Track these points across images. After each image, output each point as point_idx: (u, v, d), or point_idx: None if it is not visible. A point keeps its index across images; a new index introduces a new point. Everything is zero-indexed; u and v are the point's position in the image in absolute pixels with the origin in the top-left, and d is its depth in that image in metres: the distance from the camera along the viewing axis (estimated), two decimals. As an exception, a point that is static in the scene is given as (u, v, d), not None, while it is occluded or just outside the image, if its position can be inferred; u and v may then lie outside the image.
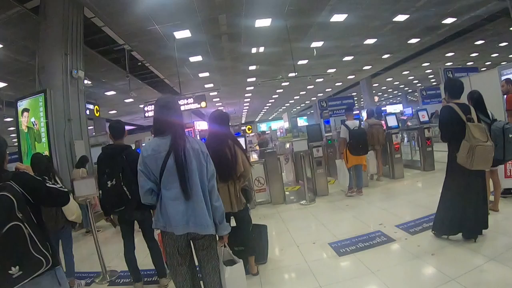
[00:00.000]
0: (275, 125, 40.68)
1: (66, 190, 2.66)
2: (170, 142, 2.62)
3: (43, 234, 2.36)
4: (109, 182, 3.89)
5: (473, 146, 3.98)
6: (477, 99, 4.92)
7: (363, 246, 4.80)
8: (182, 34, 12.57)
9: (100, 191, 4.04)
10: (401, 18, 14.26)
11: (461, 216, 4.29)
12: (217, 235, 2.82)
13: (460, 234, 4.42)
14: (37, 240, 2.21)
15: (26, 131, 9.17)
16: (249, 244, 4.16)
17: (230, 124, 4.35)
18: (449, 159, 4.43)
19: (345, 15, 13.23)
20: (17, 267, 2.11)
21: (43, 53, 9.20)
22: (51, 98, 8.77)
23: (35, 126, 8.98)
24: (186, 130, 14.99)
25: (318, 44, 16.56)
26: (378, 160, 9.16)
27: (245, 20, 12.29)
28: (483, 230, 4.37)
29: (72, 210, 4.55)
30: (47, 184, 2.53)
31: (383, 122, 9.51)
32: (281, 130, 26.75)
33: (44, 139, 8.77)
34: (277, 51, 16.48)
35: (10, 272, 2.10)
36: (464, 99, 4.60)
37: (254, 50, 16.18)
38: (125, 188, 3.83)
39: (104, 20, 10.94)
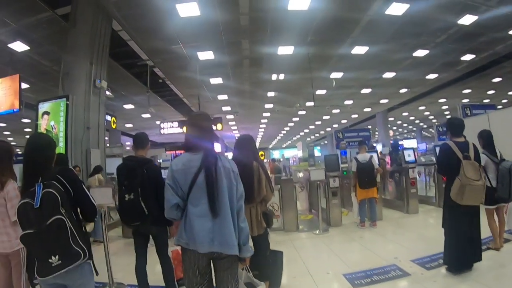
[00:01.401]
0: (288, 153, 40.60)
1: (95, 204, 2.79)
2: (202, 158, 2.60)
3: (82, 229, 2.58)
4: (126, 196, 3.83)
5: (464, 185, 4.25)
6: (486, 138, 5.37)
7: (378, 279, 4.72)
8: (205, 55, 12.81)
9: (117, 203, 4.02)
10: (420, 53, 14.41)
11: (461, 250, 4.48)
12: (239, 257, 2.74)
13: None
14: (77, 234, 2.40)
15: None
16: (265, 269, 4.11)
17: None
18: (445, 193, 4.63)
19: (366, 48, 13.41)
20: (57, 256, 2.30)
21: (69, 60, 9.36)
22: (73, 104, 8.87)
23: (54, 129, 9.02)
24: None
25: (338, 75, 16.73)
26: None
27: (268, 46, 12.50)
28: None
29: (91, 224, 4.55)
30: (86, 190, 2.73)
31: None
32: (294, 159, 26.73)
33: (61, 144, 8.79)
34: (297, 79, 16.67)
35: (50, 260, 2.29)
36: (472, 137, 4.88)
37: (274, 76, 16.37)
38: (142, 204, 3.78)
39: (130, 35, 11.14)
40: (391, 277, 4.79)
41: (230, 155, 5.49)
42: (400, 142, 21.27)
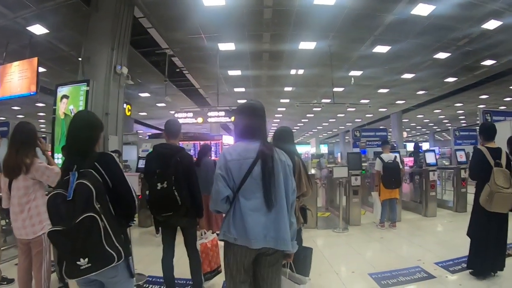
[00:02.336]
0: (300, 149, 40.56)
1: (135, 197, 2.53)
2: (259, 148, 2.47)
3: (120, 226, 2.31)
4: (159, 184, 3.64)
5: (493, 192, 4.25)
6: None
7: (404, 280, 4.70)
8: (226, 46, 12.72)
9: (147, 192, 3.83)
10: (442, 55, 14.21)
11: (487, 255, 4.49)
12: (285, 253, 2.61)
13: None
14: (112, 233, 2.15)
15: (62, 117, 9.14)
16: (296, 264, 4.04)
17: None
18: (475, 198, 4.63)
19: (388, 47, 13.24)
20: (86, 259, 2.07)
21: (90, 45, 9.26)
22: (93, 89, 8.76)
23: (72, 113, 8.94)
24: (214, 142, 14.98)
25: (357, 73, 16.58)
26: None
27: (289, 41, 12.38)
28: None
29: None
30: (127, 180, 2.47)
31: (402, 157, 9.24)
32: (307, 155, 26.57)
33: None
34: (316, 75, 16.58)
35: (78, 263, 2.06)
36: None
37: (293, 71, 16.28)
38: (176, 193, 3.61)
39: (152, 22, 11.07)
40: (416, 278, 4.79)
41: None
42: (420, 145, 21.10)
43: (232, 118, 15.86)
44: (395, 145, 18.38)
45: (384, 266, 5.26)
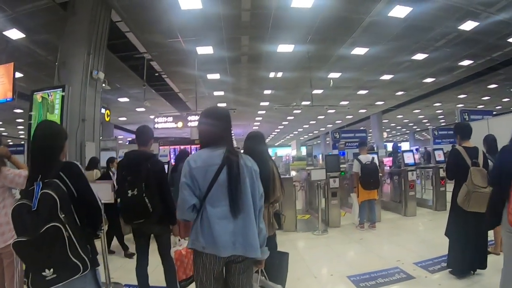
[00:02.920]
0: (281, 151, 40.60)
1: (100, 206, 2.58)
2: (224, 155, 2.44)
3: (85, 236, 2.31)
4: (130, 191, 3.60)
5: (470, 191, 4.24)
6: (490, 143, 5.47)
7: (383, 282, 4.69)
8: (204, 50, 12.68)
9: (119, 199, 3.81)
10: (420, 56, 14.43)
11: (466, 254, 4.52)
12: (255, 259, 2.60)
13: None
14: (77, 244, 2.15)
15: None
16: (271, 271, 4.00)
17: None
18: (453, 198, 4.65)
19: (366, 49, 13.38)
20: (51, 270, 2.06)
21: (66, 49, 9.13)
22: (69, 94, 8.62)
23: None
24: (194, 146, 14.91)
25: (336, 75, 16.69)
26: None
27: (268, 44, 12.39)
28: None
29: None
30: (92, 189, 2.49)
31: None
32: (287, 157, 26.61)
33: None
34: (295, 77, 16.60)
35: (43, 273, 2.05)
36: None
37: (272, 74, 16.28)
38: (147, 200, 3.56)
39: (129, 26, 10.97)
40: (395, 280, 4.78)
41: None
42: (399, 145, 21.34)
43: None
44: (373, 146, 18.51)
45: (363, 267, 5.24)
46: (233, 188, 2.38)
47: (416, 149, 25.81)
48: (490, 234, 5.25)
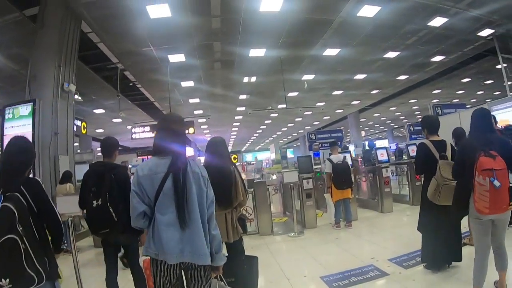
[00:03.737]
0: (261, 156, 40.63)
1: (60, 220, 2.66)
2: (170, 163, 2.46)
3: (43, 249, 2.40)
4: (94, 202, 3.63)
5: (440, 184, 4.21)
6: (458, 136, 5.33)
7: (356, 281, 4.69)
8: (176, 57, 12.66)
9: (85, 210, 3.83)
10: (391, 55, 14.63)
11: (439, 248, 4.51)
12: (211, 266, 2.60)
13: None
14: (33, 256, 2.23)
15: None
16: (240, 276, 4.01)
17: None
18: (423, 193, 4.65)
19: (337, 50, 13.53)
20: (7, 280, 2.13)
21: (36, 62, 9.08)
22: (40, 108, 8.55)
23: None
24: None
25: (309, 77, 16.82)
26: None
27: (239, 49, 12.44)
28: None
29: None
30: (52, 204, 2.59)
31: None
32: (267, 161, 26.71)
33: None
34: (269, 81, 16.66)
35: (0, 283, 2.12)
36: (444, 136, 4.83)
37: (246, 79, 16.33)
38: (111, 209, 3.58)
39: (100, 37, 10.90)
40: (369, 277, 4.77)
41: (202, 159, 5.34)
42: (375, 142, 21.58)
43: (191, 130, 15.82)
44: (347, 145, 18.67)
45: (337, 267, 5.25)
46: (179, 196, 2.40)
47: (396, 145, 26.16)
48: (465, 225, 5.32)
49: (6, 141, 8.58)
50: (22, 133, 8.42)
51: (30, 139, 8.22)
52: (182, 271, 2.50)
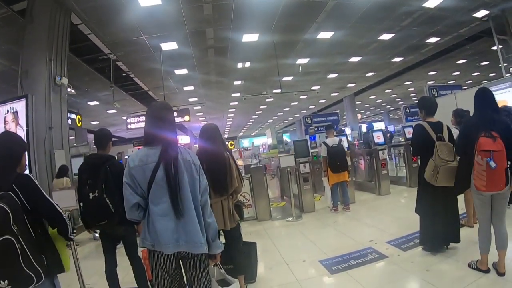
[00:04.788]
0: (258, 141, 40.61)
1: (61, 212, 2.55)
2: (160, 152, 2.42)
3: (40, 246, 2.33)
4: (91, 194, 3.65)
5: (437, 166, 4.24)
6: (460, 115, 5.47)
7: (355, 264, 4.70)
8: (169, 46, 12.50)
9: (81, 203, 3.79)
10: (386, 37, 14.48)
11: (437, 230, 4.53)
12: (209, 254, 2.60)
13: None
14: (30, 255, 2.17)
15: None
16: (239, 262, 3.98)
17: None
18: (419, 174, 4.64)
19: (331, 33, 13.35)
20: (6, 281, 2.08)
21: (27, 58, 8.96)
22: (33, 104, 8.43)
23: None
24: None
25: (304, 61, 16.67)
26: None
27: (232, 34, 12.28)
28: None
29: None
30: (48, 198, 2.49)
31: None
32: (264, 146, 26.64)
33: None
34: (263, 66, 16.53)
35: None
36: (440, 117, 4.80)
37: (240, 65, 16.19)
38: (108, 201, 3.59)
39: (91, 28, 10.73)
40: (368, 260, 4.79)
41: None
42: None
43: (187, 118, 15.80)
44: (343, 128, 18.65)
45: (336, 251, 5.26)
46: (172, 185, 2.37)
47: (386, 128, 26.10)
48: (463, 206, 5.32)
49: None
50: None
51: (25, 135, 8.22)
52: (180, 260, 2.48)
